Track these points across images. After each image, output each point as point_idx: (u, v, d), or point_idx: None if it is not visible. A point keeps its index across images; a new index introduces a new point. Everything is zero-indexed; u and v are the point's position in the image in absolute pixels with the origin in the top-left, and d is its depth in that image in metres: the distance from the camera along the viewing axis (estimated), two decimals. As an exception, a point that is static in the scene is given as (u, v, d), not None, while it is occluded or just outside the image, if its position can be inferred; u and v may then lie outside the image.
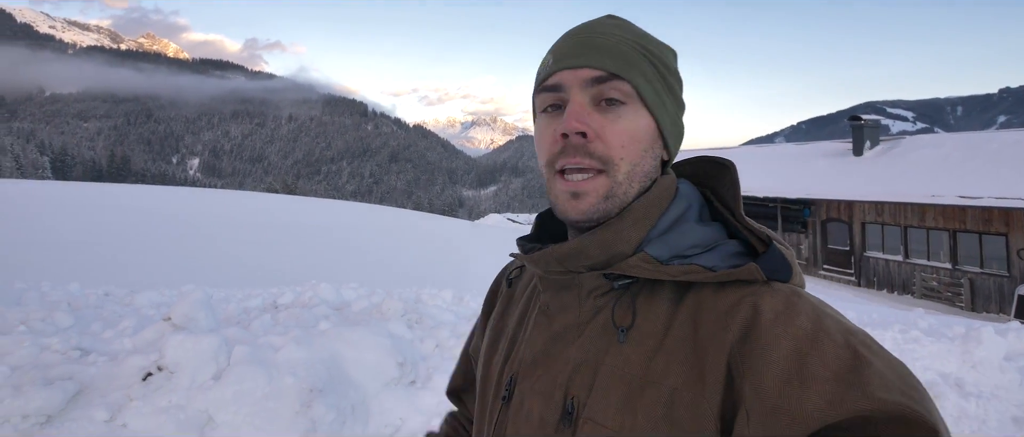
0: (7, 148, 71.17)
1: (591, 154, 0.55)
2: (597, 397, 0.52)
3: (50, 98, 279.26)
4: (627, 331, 0.53)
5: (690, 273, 0.52)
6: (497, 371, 0.66)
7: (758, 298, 0.49)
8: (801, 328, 0.46)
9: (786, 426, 0.41)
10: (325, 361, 2.64)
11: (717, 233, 0.57)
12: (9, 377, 2.45)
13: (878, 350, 0.45)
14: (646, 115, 0.57)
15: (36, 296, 4.12)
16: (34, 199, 15.10)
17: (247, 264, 8.74)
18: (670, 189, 0.59)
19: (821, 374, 0.42)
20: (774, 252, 0.53)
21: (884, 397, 0.40)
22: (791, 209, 17.75)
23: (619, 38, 0.57)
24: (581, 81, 0.56)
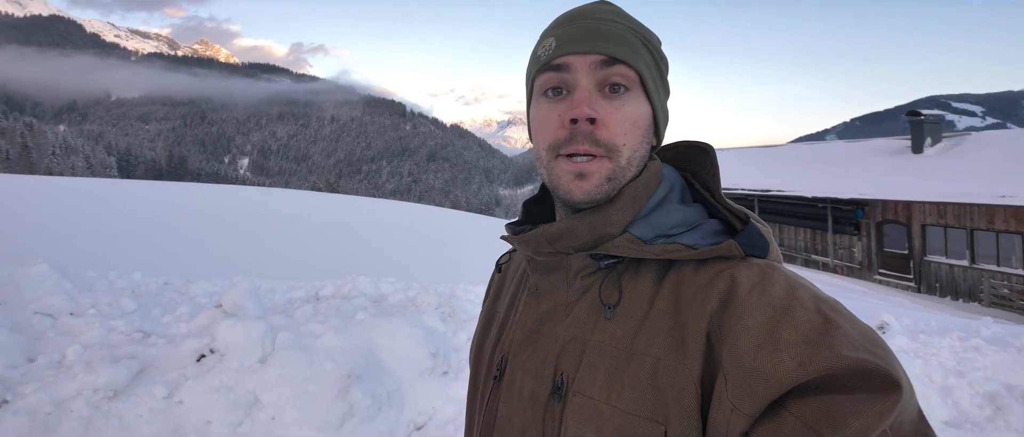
0: (79, 149, 76.44)
1: (597, 141, 0.56)
2: (585, 371, 0.54)
3: (116, 102, 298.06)
4: (614, 308, 0.56)
5: (672, 251, 0.54)
6: (488, 353, 0.69)
7: (735, 271, 0.52)
8: (776, 297, 0.48)
9: (761, 387, 0.44)
10: (362, 349, 2.77)
11: (698, 213, 0.60)
12: (82, 354, 2.69)
13: (847, 315, 0.48)
14: (645, 102, 0.59)
15: (105, 284, 4.46)
16: (103, 196, 16.22)
17: (291, 258, 9.14)
18: (657, 173, 0.62)
19: (793, 338, 0.45)
20: (752, 230, 0.56)
21: (850, 354, 0.43)
22: (842, 210, 16.96)
23: (621, 25, 0.59)
24: (589, 65, 0.57)
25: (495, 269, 0.79)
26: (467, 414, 0.72)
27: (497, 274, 0.78)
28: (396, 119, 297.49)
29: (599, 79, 0.57)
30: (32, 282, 3.50)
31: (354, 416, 2.58)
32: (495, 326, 0.70)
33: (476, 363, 0.71)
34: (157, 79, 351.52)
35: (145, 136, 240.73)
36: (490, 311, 0.74)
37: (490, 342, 0.69)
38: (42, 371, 2.57)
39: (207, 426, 2.47)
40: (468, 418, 0.71)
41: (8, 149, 60.83)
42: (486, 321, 0.73)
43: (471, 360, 0.73)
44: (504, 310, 0.70)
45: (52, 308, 3.23)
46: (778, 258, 0.57)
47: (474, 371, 0.71)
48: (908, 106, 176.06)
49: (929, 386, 3.55)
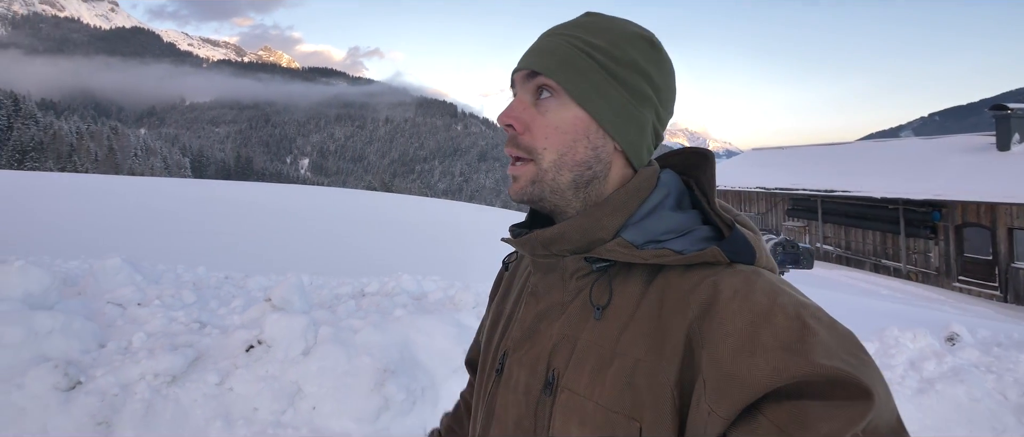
0: (157, 151, 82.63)
1: (519, 145, 0.62)
2: (573, 368, 0.58)
3: (190, 107, 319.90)
4: (603, 309, 0.58)
5: (661, 256, 0.56)
6: (494, 347, 0.72)
7: (719, 278, 0.53)
8: (757, 303, 0.49)
9: (737, 391, 0.45)
10: (398, 344, 2.85)
11: (692, 219, 0.61)
12: (145, 341, 2.91)
13: (827, 322, 0.48)
14: (574, 108, 0.61)
15: (172, 277, 4.81)
16: (177, 195, 17.45)
17: (342, 255, 9.50)
18: (651, 180, 0.63)
19: (770, 344, 0.46)
20: (736, 236, 0.57)
21: (823, 362, 0.44)
22: (916, 212, 15.79)
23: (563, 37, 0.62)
24: (521, 79, 0.63)
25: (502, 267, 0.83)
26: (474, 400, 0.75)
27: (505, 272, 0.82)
28: (448, 120, 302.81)
29: (531, 90, 0.63)
30: (107, 274, 3.83)
31: (389, 409, 2.66)
32: (502, 322, 0.74)
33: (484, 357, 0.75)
34: (226, 84, 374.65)
35: (215, 138, 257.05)
36: (499, 307, 0.78)
37: (496, 337, 0.73)
38: (111, 356, 2.81)
39: (254, 413, 2.61)
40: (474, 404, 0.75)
41: (97, 151, 66.56)
42: (495, 317, 0.77)
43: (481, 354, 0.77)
44: (510, 307, 0.74)
45: (122, 298, 3.52)
46: (767, 265, 0.58)
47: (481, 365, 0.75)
48: (994, 100, 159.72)
49: (1002, 404, 3.25)
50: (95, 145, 67.38)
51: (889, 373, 3.88)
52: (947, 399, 3.59)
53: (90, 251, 6.92)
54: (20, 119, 61.94)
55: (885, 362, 4.02)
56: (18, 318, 2.76)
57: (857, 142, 25.23)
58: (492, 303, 0.83)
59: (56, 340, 2.78)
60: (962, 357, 4.14)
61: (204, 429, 2.49)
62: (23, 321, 2.75)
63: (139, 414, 2.47)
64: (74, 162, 62.15)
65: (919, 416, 3.49)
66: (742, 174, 25.28)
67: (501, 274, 0.85)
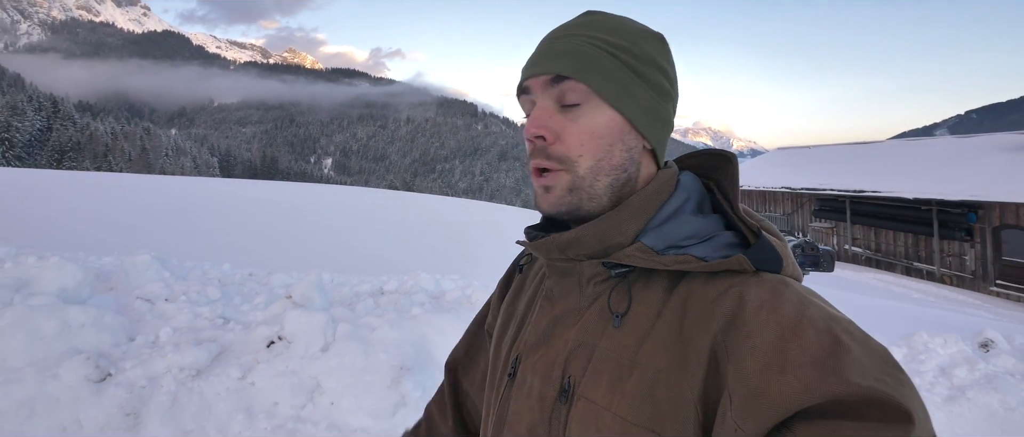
0: (187, 151, 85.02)
1: (550, 156, 0.59)
2: (591, 377, 0.56)
3: (218, 107, 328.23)
4: (622, 317, 0.57)
5: (683, 263, 0.54)
6: (506, 350, 0.70)
7: (744, 288, 0.51)
8: (785, 316, 0.47)
9: (765, 409, 0.44)
10: (414, 342, 2.88)
11: (714, 224, 0.59)
12: (172, 336, 3.00)
13: (860, 337, 0.46)
14: (607, 110, 0.58)
15: (199, 273, 4.94)
16: (205, 193, 17.93)
17: (363, 253, 9.63)
18: (670, 182, 0.61)
19: (801, 360, 0.44)
20: (763, 243, 0.55)
21: (858, 382, 0.42)
22: (950, 213, 15.27)
23: (580, 38, 0.59)
24: (542, 85, 0.60)
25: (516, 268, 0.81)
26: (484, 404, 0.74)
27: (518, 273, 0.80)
28: (468, 119, 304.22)
29: (555, 96, 0.59)
30: (137, 270, 3.95)
31: (405, 406, 2.69)
32: (513, 324, 0.72)
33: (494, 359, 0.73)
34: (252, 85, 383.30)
35: (242, 138, 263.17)
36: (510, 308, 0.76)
37: (508, 339, 0.71)
38: (139, 349, 2.90)
39: (275, 407, 2.67)
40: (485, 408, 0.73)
41: (130, 151, 68.80)
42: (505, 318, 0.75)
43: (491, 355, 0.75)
44: (523, 310, 0.72)
45: (151, 294, 3.63)
46: (794, 274, 0.56)
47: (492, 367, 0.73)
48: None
49: (1040, 414, 3.12)
50: (129, 145, 69.67)
51: (918, 379, 3.76)
52: (979, 407, 3.46)
53: (122, 248, 7.16)
54: (59, 120, 64.42)
55: (914, 368, 3.90)
56: (53, 311, 2.87)
57: (888, 141, 24.55)
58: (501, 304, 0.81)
59: (88, 333, 2.88)
60: (997, 364, 3.99)
61: (227, 422, 2.55)
62: (57, 314, 2.86)
63: (165, 406, 2.55)
64: (109, 162, 64.37)
65: (949, 424, 3.38)
66: (767, 174, 24.80)
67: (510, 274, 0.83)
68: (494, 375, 0.72)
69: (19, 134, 59.23)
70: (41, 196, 13.51)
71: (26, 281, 3.37)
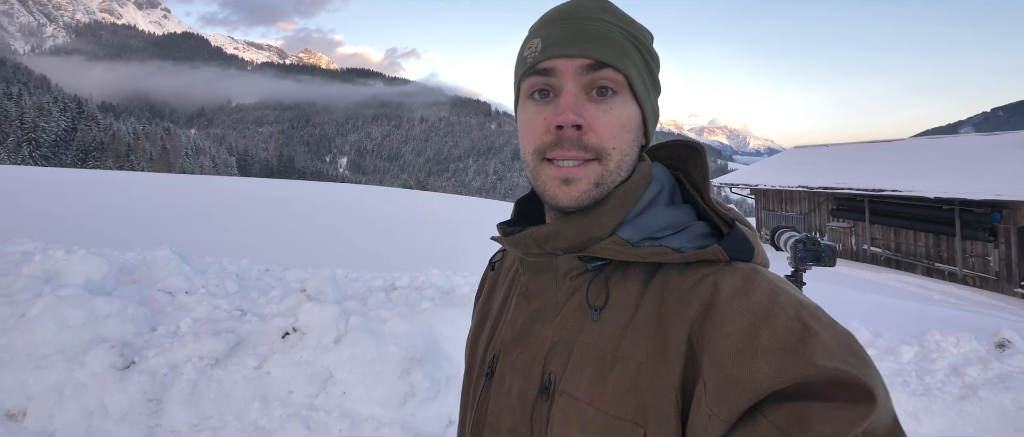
0: (206, 150, 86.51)
1: (585, 146, 0.56)
2: (572, 372, 0.56)
3: (236, 108, 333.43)
4: (601, 310, 0.56)
5: (658, 255, 0.54)
6: (482, 351, 0.70)
7: (718, 276, 0.52)
8: (757, 303, 0.48)
9: (739, 394, 0.44)
10: (424, 335, 2.96)
11: (686, 215, 0.59)
12: (192, 327, 3.12)
13: (827, 322, 0.47)
14: (634, 105, 0.58)
15: (218, 268, 5.08)
16: (224, 191, 18.28)
17: (377, 250, 9.77)
18: (648, 175, 0.61)
19: (771, 345, 0.45)
20: (737, 233, 0.56)
21: (824, 364, 0.43)
22: (973, 213, 14.93)
23: (609, 25, 0.58)
24: (575, 69, 0.56)
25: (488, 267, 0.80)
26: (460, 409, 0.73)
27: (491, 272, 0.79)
28: (481, 118, 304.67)
29: (586, 83, 0.56)
30: (158, 264, 4.09)
31: (415, 396, 2.76)
32: (488, 323, 0.71)
33: (470, 359, 0.73)
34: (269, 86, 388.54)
35: (259, 138, 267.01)
36: (484, 308, 0.75)
37: (483, 339, 0.70)
38: (161, 339, 3.02)
39: (289, 395, 2.76)
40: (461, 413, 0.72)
41: (151, 151, 70.25)
42: (480, 318, 0.75)
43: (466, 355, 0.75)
44: (497, 308, 0.71)
45: (172, 286, 3.76)
46: (763, 261, 0.57)
47: (468, 367, 0.73)
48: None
49: (1053, 413, 3.09)
50: (150, 145, 71.13)
51: (928, 378, 3.74)
52: (991, 406, 3.43)
53: (144, 243, 7.37)
54: (83, 121, 66.04)
55: (924, 367, 3.88)
56: (80, 302, 3.00)
57: (909, 139, 24.06)
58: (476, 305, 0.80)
59: (113, 323, 3.01)
60: (1011, 364, 3.94)
61: (244, 409, 2.65)
62: (84, 305, 2.99)
63: (186, 393, 2.65)
64: (131, 161, 65.80)
65: (960, 423, 3.35)
66: (784, 172, 24.48)
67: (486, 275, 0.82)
68: (470, 376, 0.72)
69: (45, 134, 60.86)
70: (67, 194, 13.91)
71: (55, 273, 3.51)
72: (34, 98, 63.87)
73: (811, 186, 21.35)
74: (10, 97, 61.07)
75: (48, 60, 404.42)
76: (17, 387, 2.62)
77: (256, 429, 2.57)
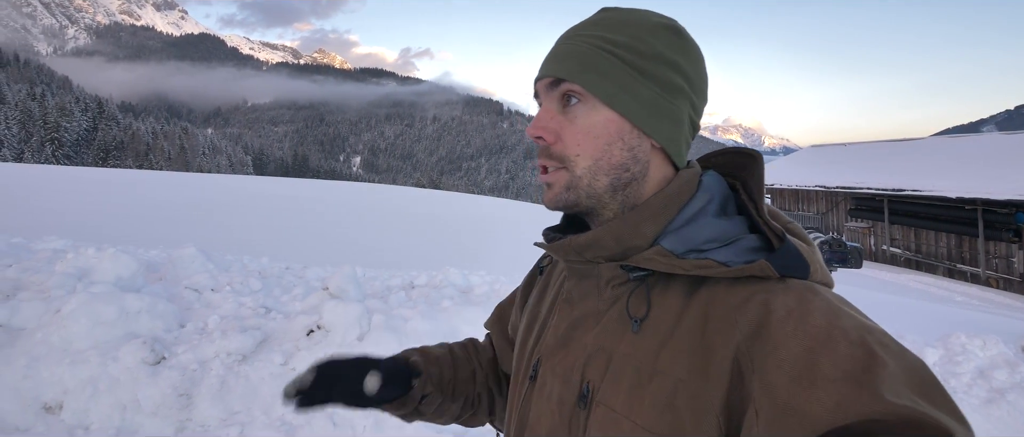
0: (223, 149, 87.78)
1: (551, 155, 0.60)
2: (610, 383, 0.55)
3: (251, 107, 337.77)
4: (641, 322, 0.55)
5: (703, 268, 0.52)
6: (528, 352, 0.70)
7: (769, 295, 0.49)
8: (814, 326, 0.45)
9: (795, 426, 0.41)
10: (445, 334, 2.99)
11: (738, 227, 0.57)
12: (219, 324, 3.18)
13: (896, 350, 0.43)
14: (604, 110, 0.58)
15: (239, 266, 5.17)
16: (240, 190, 18.56)
17: (393, 249, 9.85)
18: (691, 183, 0.59)
19: (832, 374, 0.41)
20: (788, 248, 0.53)
21: (894, 400, 0.39)
22: (997, 213, 14.63)
23: (582, 38, 0.59)
24: (545, 88, 0.61)
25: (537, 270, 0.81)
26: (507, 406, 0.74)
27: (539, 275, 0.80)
28: (494, 117, 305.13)
29: (556, 98, 0.60)
30: (184, 262, 4.18)
31: (438, 394, 2.80)
32: (536, 327, 0.72)
33: (516, 360, 0.74)
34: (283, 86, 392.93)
35: (274, 137, 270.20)
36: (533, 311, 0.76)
37: (530, 342, 0.71)
38: (190, 335, 3.09)
39: (314, 392, 2.81)
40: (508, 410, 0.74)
41: (169, 150, 71.47)
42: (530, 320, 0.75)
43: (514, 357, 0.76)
44: (544, 312, 0.72)
45: (198, 284, 3.84)
46: (823, 279, 0.54)
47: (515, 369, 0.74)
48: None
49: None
50: (168, 144, 72.36)
51: (954, 381, 3.69)
52: (1020, 411, 3.38)
53: (166, 241, 7.52)
54: (104, 121, 67.39)
55: (950, 370, 3.82)
56: (112, 299, 3.08)
57: (930, 138, 23.64)
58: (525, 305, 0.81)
59: (144, 319, 3.09)
60: (1041, 372, 3.86)
61: (271, 404, 2.70)
62: (116, 301, 3.07)
63: (215, 388, 2.72)
64: (150, 160, 67.01)
65: (987, 427, 3.30)
66: (800, 172, 24.18)
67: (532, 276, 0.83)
68: (517, 376, 0.72)
69: (68, 134, 62.22)
70: (90, 193, 14.22)
71: (87, 270, 3.61)
72: (57, 98, 65.35)
73: (829, 185, 21.07)
74: (34, 97, 62.57)
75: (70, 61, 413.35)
76: (53, 381, 2.70)
77: (283, 424, 2.62)
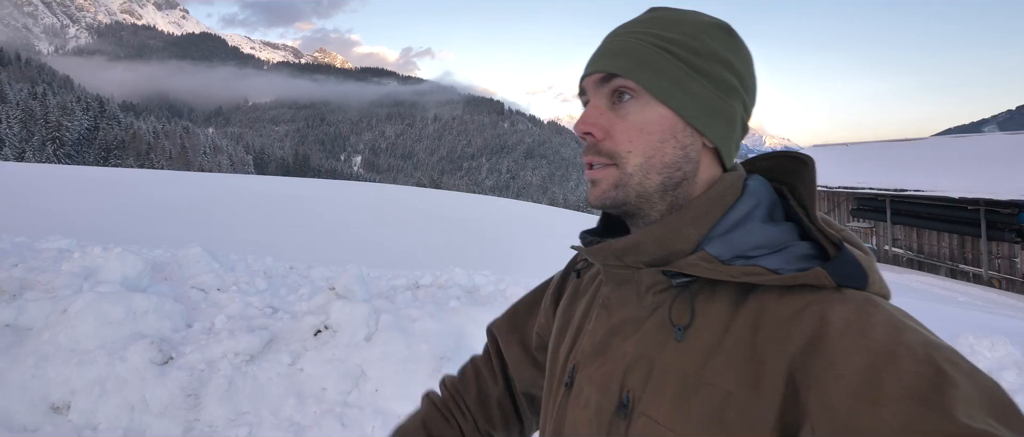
0: (224, 149, 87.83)
1: (600, 151, 0.58)
2: (652, 392, 0.53)
3: (252, 107, 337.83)
4: (684, 330, 0.53)
5: (752, 274, 0.50)
6: (562, 358, 0.69)
7: (826, 306, 0.47)
8: (876, 340, 0.43)
9: None
10: (454, 334, 2.98)
11: (787, 234, 0.55)
12: (226, 324, 3.17)
13: (967, 369, 0.41)
14: (657, 107, 0.57)
15: (244, 266, 5.17)
16: (242, 189, 18.56)
17: (396, 248, 9.84)
18: (735, 186, 0.58)
19: (897, 393, 0.39)
20: (846, 256, 0.50)
21: (969, 423, 0.37)
22: (999, 213, 14.61)
23: (634, 34, 0.59)
24: (594, 84, 0.60)
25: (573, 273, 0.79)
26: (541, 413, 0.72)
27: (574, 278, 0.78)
28: (495, 117, 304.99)
29: (606, 94, 0.59)
30: (189, 261, 4.17)
31: (446, 395, 2.79)
32: (570, 332, 0.70)
33: (550, 365, 0.72)
34: (284, 85, 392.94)
35: (275, 136, 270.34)
36: (566, 315, 0.74)
37: (565, 347, 0.70)
38: (197, 335, 3.08)
39: (322, 392, 2.81)
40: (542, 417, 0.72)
41: (171, 149, 71.51)
42: (562, 324, 0.74)
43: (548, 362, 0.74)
44: (579, 317, 0.70)
45: (204, 284, 3.83)
46: (882, 291, 0.51)
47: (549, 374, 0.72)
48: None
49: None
50: (169, 143, 72.41)
51: (963, 382, 3.67)
52: (1029, 412, 3.37)
53: (169, 241, 7.51)
54: (105, 120, 67.45)
55: (958, 370, 3.81)
56: (119, 298, 3.07)
57: (932, 138, 23.60)
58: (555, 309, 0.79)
59: (151, 319, 3.08)
60: (1051, 371, 3.85)
61: (279, 405, 2.70)
62: (123, 301, 3.06)
63: (223, 388, 2.71)
64: (151, 159, 67.08)
65: (996, 428, 3.29)
66: (801, 172, 24.12)
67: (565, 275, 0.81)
68: (551, 383, 0.71)
69: (69, 133, 62.29)
70: (92, 192, 14.23)
71: (93, 270, 3.60)
72: (58, 98, 65.43)
73: (830, 185, 21.04)
74: (35, 97, 62.63)
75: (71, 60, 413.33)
76: (61, 381, 2.70)
77: (292, 425, 2.62)
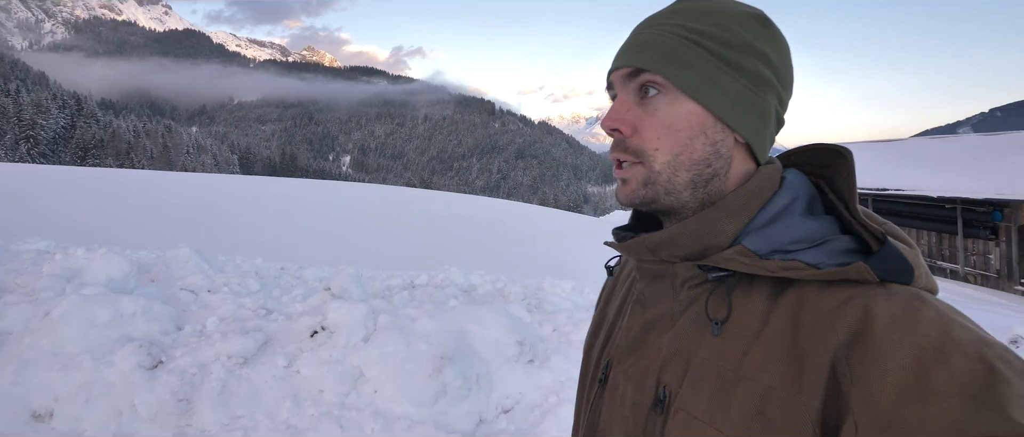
0: (208, 148, 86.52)
1: (627, 148, 0.57)
2: (689, 388, 0.52)
3: (238, 105, 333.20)
4: (721, 324, 0.53)
5: (791, 269, 0.49)
6: (596, 355, 0.69)
7: (870, 300, 0.46)
8: (924, 336, 0.42)
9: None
10: (453, 333, 2.93)
11: (826, 228, 0.53)
12: (218, 326, 3.08)
13: (1020, 367, 0.40)
14: (687, 102, 0.55)
15: (233, 266, 5.05)
16: (228, 190, 18.26)
17: (389, 249, 9.73)
18: (773, 179, 0.57)
19: (946, 389, 0.38)
20: (889, 250, 0.48)
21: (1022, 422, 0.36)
22: (975, 212, 14.93)
23: (662, 27, 0.57)
24: (621, 79, 0.58)
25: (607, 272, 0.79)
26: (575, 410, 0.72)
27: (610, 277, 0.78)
28: (485, 117, 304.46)
29: (634, 89, 0.58)
30: (178, 262, 4.06)
31: (446, 395, 2.73)
32: (604, 329, 0.70)
33: (585, 363, 0.72)
34: (271, 83, 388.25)
35: (261, 136, 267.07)
36: (602, 313, 0.74)
37: (599, 344, 0.70)
38: (187, 338, 2.99)
39: (320, 394, 2.73)
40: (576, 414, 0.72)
41: (152, 148, 70.23)
42: (597, 322, 0.74)
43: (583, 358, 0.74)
44: (613, 314, 0.70)
45: (194, 285, 3.73)
46: (929, 286, 0.50)
47: (582, 372, 0.72)
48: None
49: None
50: (151, 143, 71.12)
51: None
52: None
53: (154, 241, 7.34)
54: (82, 118, 66.03)
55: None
56: (105, 301, 2.97)
57: (911, 139, 24.05)
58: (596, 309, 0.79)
59: (139, 322, 2.98)
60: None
61: (275, 408, 2.62)
62: (109, 304, 2.96)
63: (215, 392, 2.62)
64: (132, 159, 65.81)
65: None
66: (788, 171, 24.45)
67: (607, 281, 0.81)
68: (584, 380, 0.71)
69: (44, 131, 60.86)
70: (71, 191, 13.89)
71: (77, 272, 3.48)
72: (32, 95, 63.83)
73: (816, 185, 21.34)
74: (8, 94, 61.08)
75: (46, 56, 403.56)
76: (43, 387, 2.59)
77: (288, 428, 2.54)
